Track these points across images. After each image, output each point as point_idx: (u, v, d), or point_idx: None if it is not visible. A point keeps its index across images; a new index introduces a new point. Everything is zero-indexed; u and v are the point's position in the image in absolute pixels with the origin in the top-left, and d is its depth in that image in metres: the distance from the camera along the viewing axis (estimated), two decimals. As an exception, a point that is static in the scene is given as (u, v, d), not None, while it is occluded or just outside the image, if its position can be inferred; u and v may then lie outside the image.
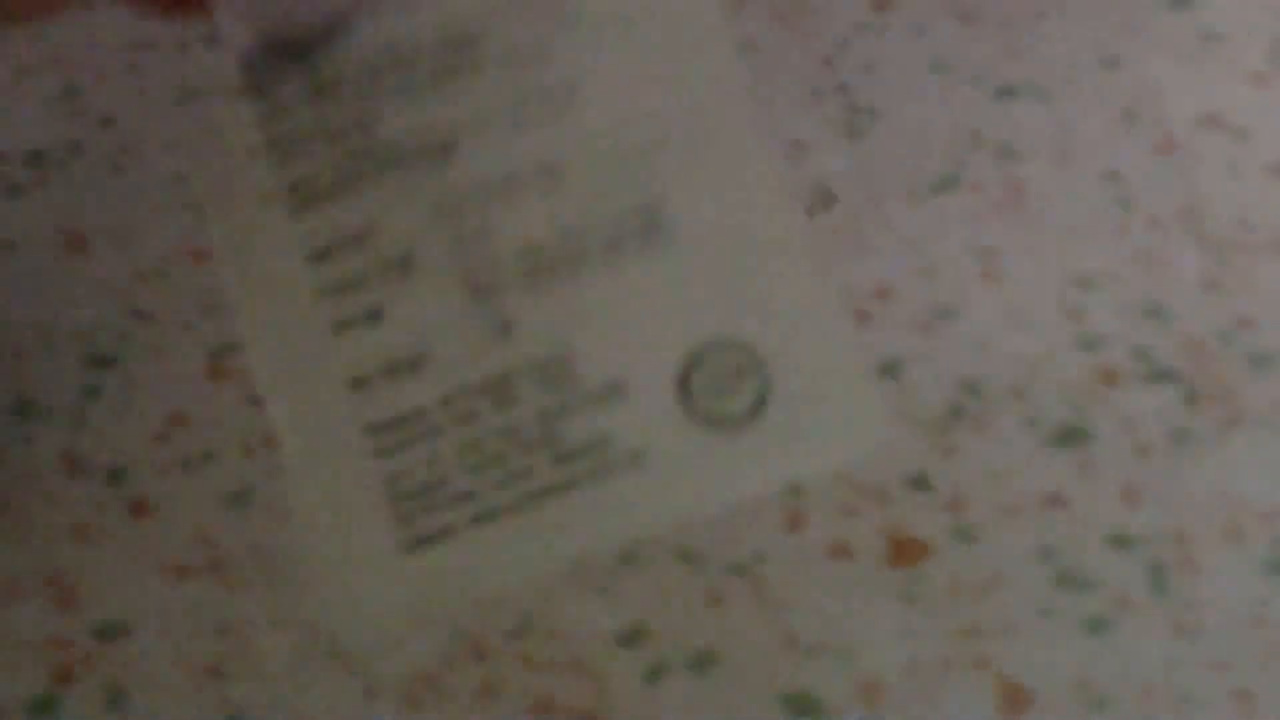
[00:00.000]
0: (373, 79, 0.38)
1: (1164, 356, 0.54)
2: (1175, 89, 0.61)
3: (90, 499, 0.58)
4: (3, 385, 0.61)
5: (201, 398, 0.61)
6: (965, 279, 0.57)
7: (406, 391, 0.37)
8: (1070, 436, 0.53)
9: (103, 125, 0.68)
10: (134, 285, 0.64)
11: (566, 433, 0.37)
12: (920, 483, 0.53)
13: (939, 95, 0.62)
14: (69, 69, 0.69)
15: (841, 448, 0.37)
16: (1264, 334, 0.54)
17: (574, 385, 0.37)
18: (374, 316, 0.37)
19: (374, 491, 0.37)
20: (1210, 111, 0.60)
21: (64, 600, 0.56)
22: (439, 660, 0.53)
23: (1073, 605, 0.51)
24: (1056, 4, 0.61)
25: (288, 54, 0.38)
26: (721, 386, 0.37)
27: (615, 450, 0.37)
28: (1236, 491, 0.51)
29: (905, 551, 0.52)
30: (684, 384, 0.37)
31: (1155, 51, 0.60)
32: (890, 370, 0.56)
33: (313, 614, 0.53)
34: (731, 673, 0.51)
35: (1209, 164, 0.58)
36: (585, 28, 0.38)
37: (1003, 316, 0.56)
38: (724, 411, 0.37)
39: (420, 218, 0.38)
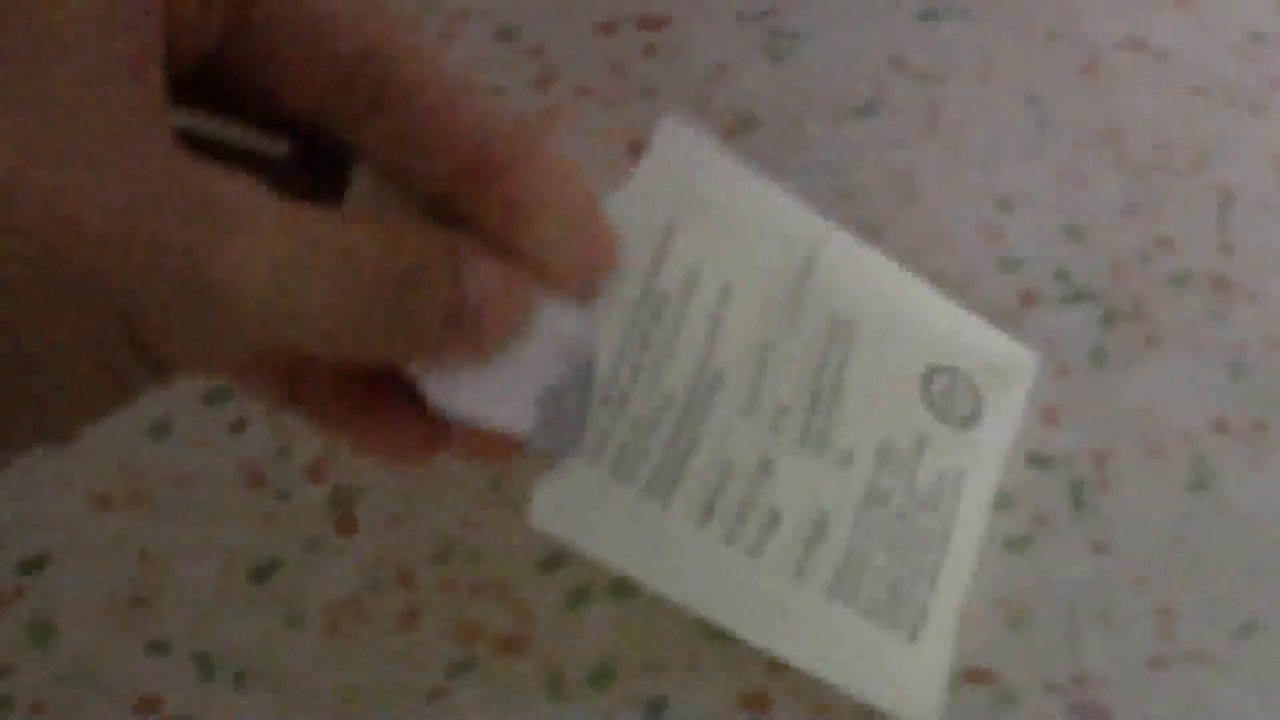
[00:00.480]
0: (630, 365, 0.44)
1: (1083, 278, 0.53)
2: (1097, 11, 0.59)
3: (9, 430, 0.57)
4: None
5: (124, 328, 0.59)
6: (885, 202, 0.55)
7: (829, 549, 0.46)
8: (990, 357, 0.51)
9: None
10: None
11: (923, 487, 0.47)
12: (841, 404, 0.52)
13: (861, 19, 0.60)
14: None
15: (1024, 381, 0.50)
16: (1183, 255, 0.53)
17: (902, 456, 0.47)
18: (773, 523, 0.46)
19: (864, 626, 0.46)
20: (1132, 33, 0.59)
21: (-18, 531, 0.54)
22: (361, 586, 0.52)
23: (995, 524, 0.49)
24: (977, -74, 0.60)
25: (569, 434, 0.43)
26: (952, 399, 0.48)
27: (951, 477, 0.48)
28: (1156, 410, 0.50)
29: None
30: (935, 412, 0.48)
31: (1075, -27, 0.59)
32: (811, 292, 0.54)
33: (234, 540, 0.51)
34: (651, 599, 0.50)
35: (1130, 86, 0.57)
36: (699, 246, 0.46)
37: (923, 239, 0.54)
38: (966, 411, 0.48)
39: (741, 430, 0.45)
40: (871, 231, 0.56)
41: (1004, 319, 0.53)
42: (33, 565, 0.54)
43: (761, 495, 0.45)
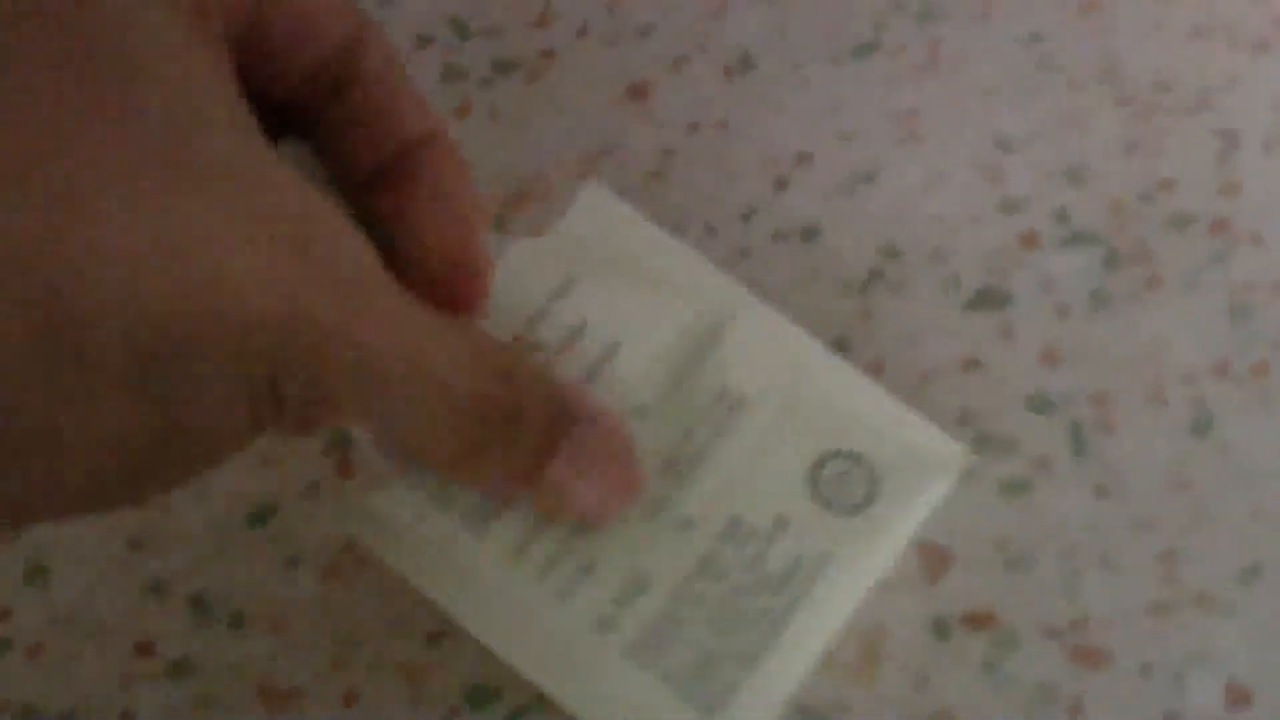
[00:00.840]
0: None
1: (1084, 219, 0.52)
2: (1096, -50, 0.58)
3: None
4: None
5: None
6: (884, 143, 0.54)
7: (642, 608, 0.44)
8: (989, 299, 0.50)
9: None
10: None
11: (770, 569, 0.44)
12: (840, 345, 0.51)
13: (859, -42, 0.59)
14: None
15: (945, 474, 0.47)
16: (1184, 195, 0.52)
17: (754, 533, 0.45)
18: (587, 572, 0.44)
19: (659, 691, 0.43)
20: (1130, -27, 0.57)
21: (-22, 475, 0.53)
22: (360, 530, 0.51)
23: (993, 467, 0.48)
24: None
25: None
26: (844, 483, 0.46)
27: (807, 564, 0.45)
28: (1157, 353, 0.49)
29: (826, 416, 0.50)
30: (817, 489, 0.46)
31: (1076, -89, 0.57)
32: (809, 235, 0.53)
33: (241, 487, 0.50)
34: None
35: (1131, 25, 0.55)
36: (596, 302, 0.46)
37: (922, 180, 0.53)
38: (854, 500, 0.46)
39: None
40: (870, 173, 0.54)
41: (1004, 261, 0.51)
42: (29, 508, 0.53)
43: (580, 544, 0.44)
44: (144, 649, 0.50)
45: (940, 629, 0.46)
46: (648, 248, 0.47)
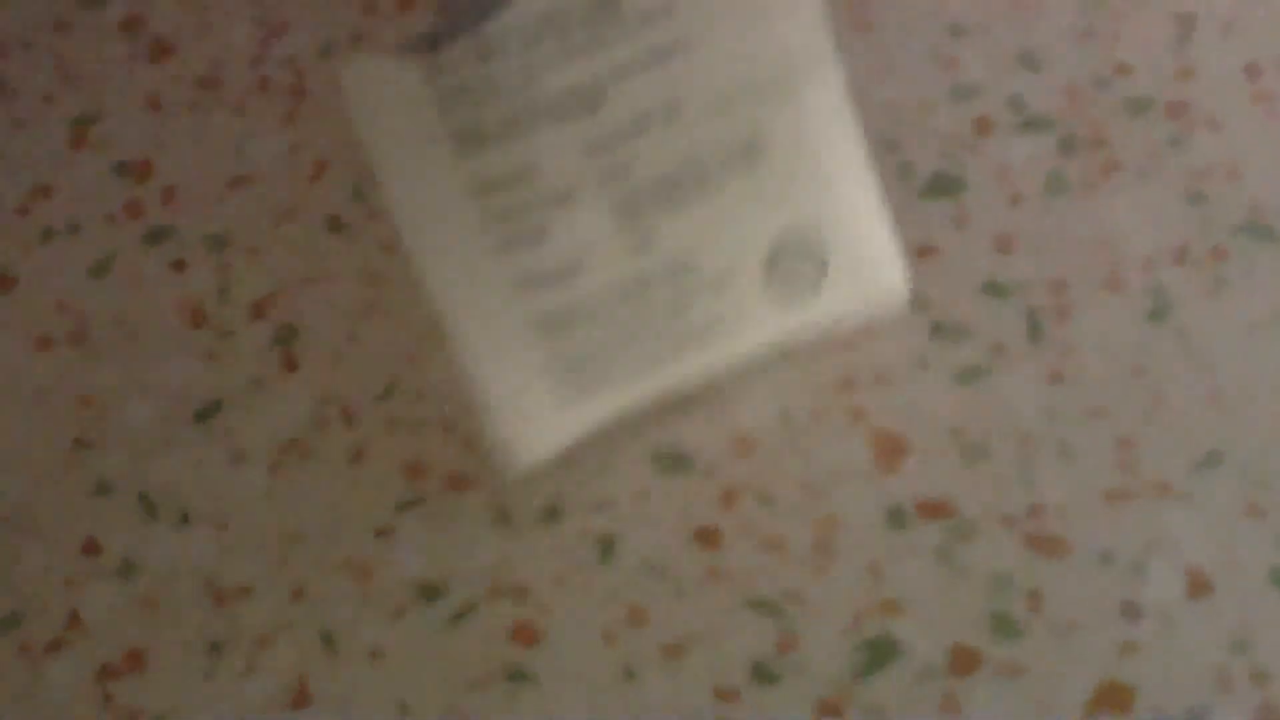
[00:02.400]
0: (532, 43, 0.40)
1: (1039, 105, 0.48)
2: None
3: (-56, 270, 0.51)
4: None
5: (64, 169, 0.53)
6: (837, 30, 0.50)
7: (567, 291, 0.41)
8: (943, 186, 0.47)
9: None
10: (-8, 55, 0.57)
11: (691, 316, 0.42)
12: (792, 234, 0.47)
13: None
14: None
15: (876, 301, 0.44)
16: (1140, 80, 0.48)
17: (696, 281, 0.42)
18: (537, 237, 0.41)
19: (539, 365, 0.42)
20: None
21: (-84, 373, 0.49)
22: (307, 425, 0.47)
23: (948, 354, 0.45)
24: None
25: (461, 22, 0.40)
26: (795, 269, 0.43)
27: (724, 327, 0.43)
28: (1114, 239, 0.45)
29: (778, 305, 0.46)
30: (769, 273, 0.43)
31: None
32: (761, 121, 0.49)
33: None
34: (601, 431, 0.45)
35: (1083, -88, 0.51)
36: None
37: (875, 68, 0.49)
38: (797, 291, 0.43)
39: (576, 157, 0.41)
40: None
41: (957, 148, 0.48)
42: (-29, 407, 0.49)
43: (544, 213, 0.42)
44: (90, 549, 0.47)
45: (895, 518, 0.43)
46: None
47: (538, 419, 0.42)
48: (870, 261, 0.43)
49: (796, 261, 0.42)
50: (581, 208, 0.41)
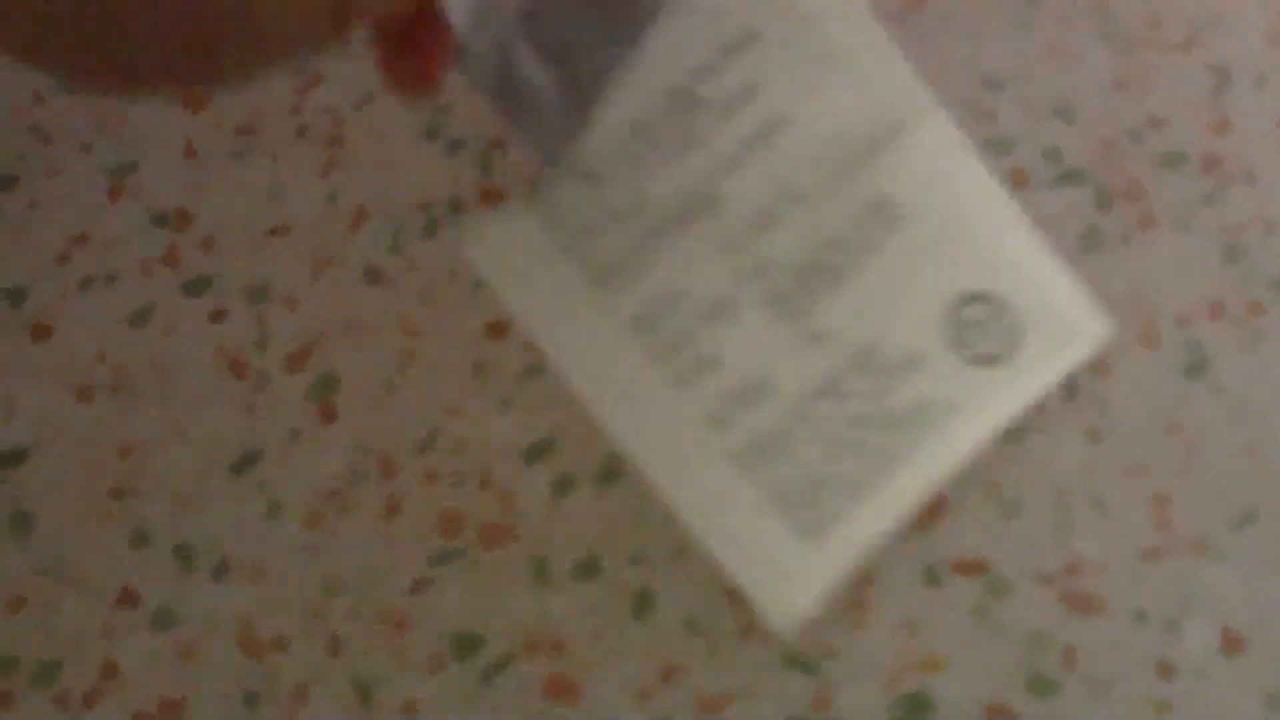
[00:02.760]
0: (629, 157, 0.40)
1: (1074, 157, 0.48)
2: (1083, -113, 0.54)
3: (-16, 321, 0.52)
4: (-104, 206, 0.54)
5: (102, 217, 0.53)
6: (873, 81, 0.50)
7: (758, 415, 0.39)
8: (980, 240, 0.46)
9: None
10: (33, 105, 0.57)
11: (894, 405, 0.39)
12: (828, 290, 0.47)
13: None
14: None
15: (1086, 341, 0.41)
16: (1175, 133, 0.47)
17: (887, 364, 0.40)
18: (711, 361, 0.39)
19: (761, 502, 0.39)
20: (1118, -91, 0.53)
21: (-43, 425, 0.50)
22: (345, 477, 0.47)
23: (983, 411, 0.45)
24: None
25: (552, 150, 0.40)
26: (981, 331, 0.40)
27: (938, 405, 0.40)
28: (1150, 293, 0.45)
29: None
30: (954, 334, 0.40)
31: None
32: (797, 175, 0.49)
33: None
34: (639, 485, 0.45)
35: (1118, -38, 0.51)
36: (775, 66, 0.40)
37: (911, 119, 0.49)
38: (991, 352, 0.40)
39: (714, 262, 0.40)
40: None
41: (994, 201, 0.47)
42: (12, 458, 0.49)
43: (707, 334, 0.40)
44: (127, 598, 0.47)
45: (931, 576, 0.43)
46: (843, 20, 0.41)
47: (787, 566, 0.40)
48: (1060, 304, 0.41)
49: (980, 320, 0.41)
50: (740, 315, 0.40)
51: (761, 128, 0.40)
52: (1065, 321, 0.41)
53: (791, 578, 0.40)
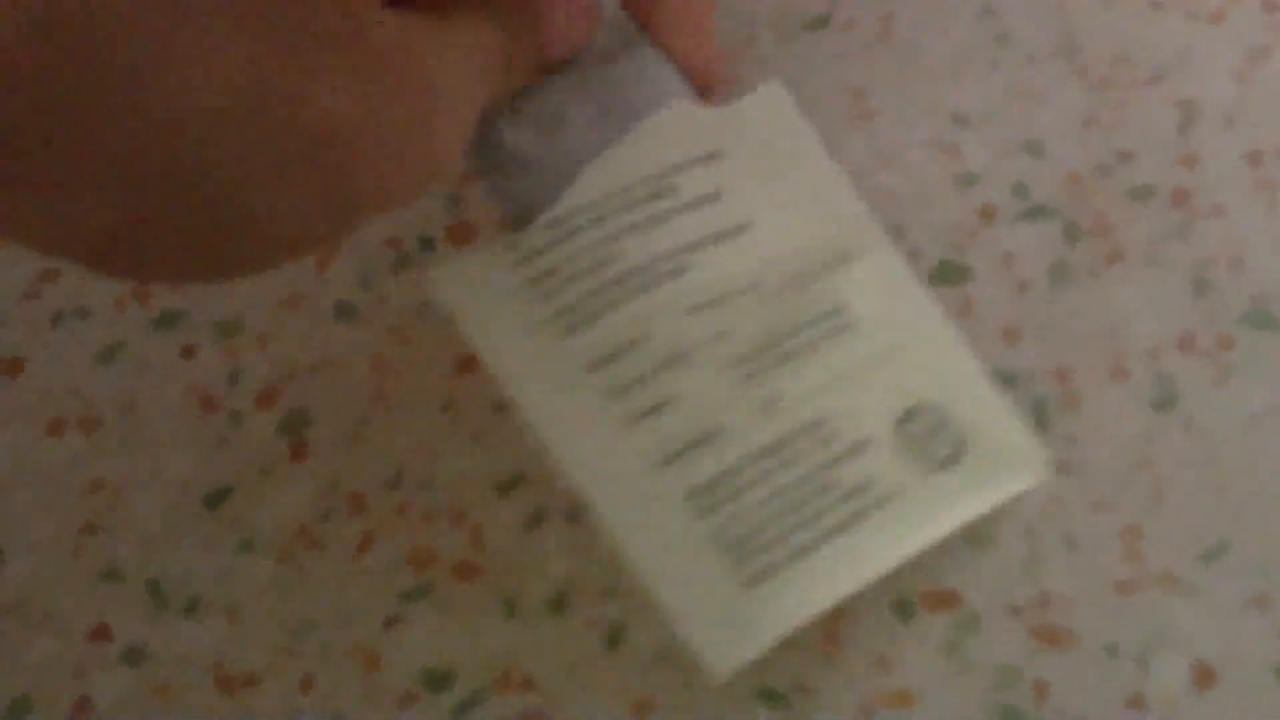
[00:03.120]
0: (605, 218, 0.41)
1: (1042, 192, 0.48)
2: (1050, -76, 0.54)
3: (-46, 357, 0.52)
4: None
5: (73, 252, 0.53)
6: (838, 118, 0.50)
7: (709, 460, 0.40)
8: (949, 274, 0.47)
9: None
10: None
11: (842, 479, 0.40)
12: (799, 325, 0.47)
13: (815, -67, 0.55)
14: None
15: (1028, 474, 0.42)
16: (1143, 168, 0.48)
17: (835, 442, 0.41)
18: (663, 406, 0.40)
19: (707, 547, 0.40)
20: (1085, -54, 0.53)
21: (-74, 462, 0.49)
22: (316, 514, 0.47)
23: (953, 445, 0.45)
24: None
25: (526, 210, 0.41)
26: (930, 440, 0.41)
27: (880, 490, 0.41)
28: (1118, 328, 0.46)
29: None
30: (902, 440, 0.41)
31: (1032, -117, 0.53)
32: (767, 210, 0.49)
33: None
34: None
35: (1085, -2, 0.52)
36: (740, 179, 0.42)
37: (878, 156, 0.49)
38: (938, 458, 0.41)
39: (678, 317, 0.40)
40: (824, 150, 0.50)
41: (962, 236, 0.48)
42: (-20, 494, 0.49)
43: (663, 378, 0.41)
44: (99, 635, 0.47)
45: (902, 609, 0.43)
46: (804, 159, 0.43)
47: (727, 610, 0.40)
48: (1004, 431, 0.42)
49: (929, 433, 0.41)
50: (698, 367, 0.40)
51: (727, 225, 0.42)
52: (1006, 450, 0.42)
53: (728, 624, 0.40)
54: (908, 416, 0.42)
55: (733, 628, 0.40)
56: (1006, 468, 0.42)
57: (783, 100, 0.44)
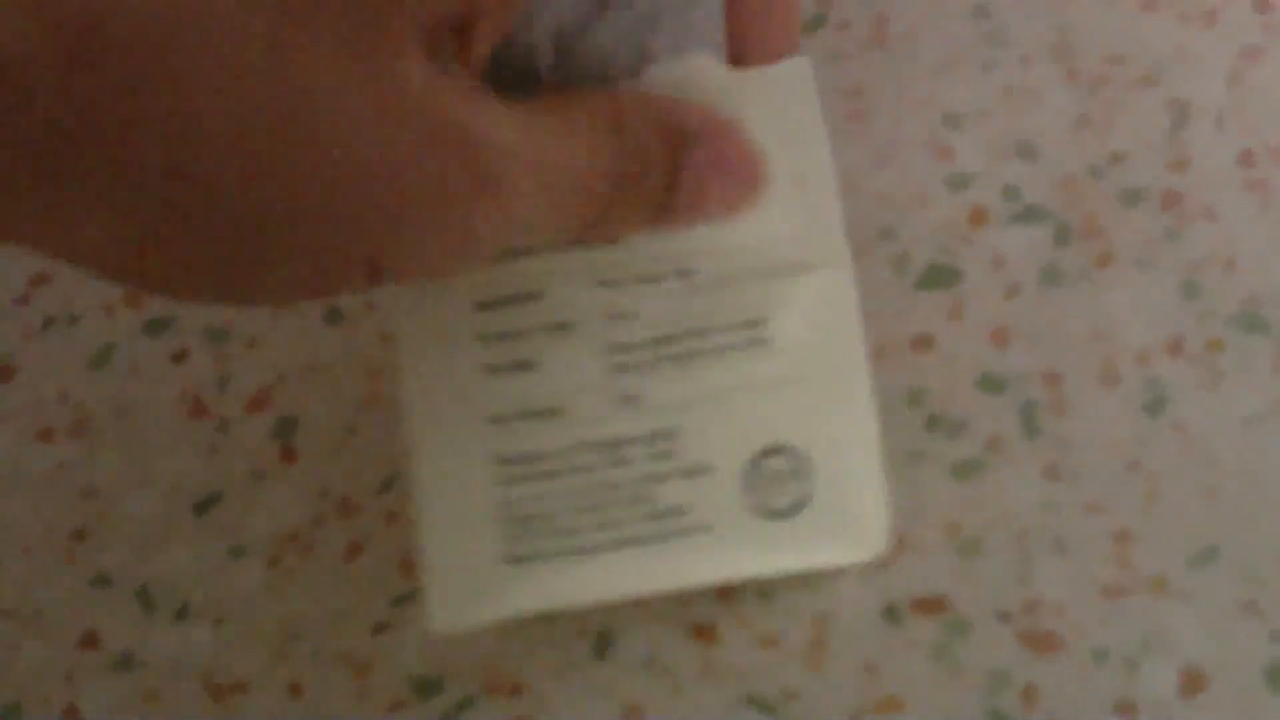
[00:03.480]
0: None
1: (1034, 194, 0.48)
2: (1044, -76, 0.54)
3: (-56, 363, 0.52)
4: None
5: (65, 256, 0.54)
6: (832, 120, 0.50)
7: (537, 435, 0.39)
8: (939, 277, 0.47)
9: None
10: (-5, 143, 0.57)
11: (660, 496, 0.39)
12: (788, 329, 0.47)
13: (807, -66, 0.55)
14: None
15: (856, 549, 0.42)
16: (1135, 170, 0.48)
17: (674, 458, 0.40)
18: (525, 367, 0.39)
19: (491, 511, 0.40)
20: (1079, -54, 0.53)
21: (-85, 468, 0.50)
22: (305, 518, 0.47)
23: (944, 448, 0.45)
24: None
25: None
26: (777, 484, 0.41)
27: (692, 519, 0.41)
28: (1109, 331, 0.46)
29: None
30: (749, 476, 0.41)
31: (1024, -115, 0.53)
32: (757, 214, 0.49)
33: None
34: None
35: (1079, -1, 0.52)
36: None
37: (870, 157, 0.49)
38: (774, 506, 0.41)
39: (582, 286, 0.39)
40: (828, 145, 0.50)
41: (953, 238, 0.48)
42: (-29, 500, 0.49)
43: (539, 340, 0.40)
44: (88, 642, 0.47)
45: (891, 614, 0.43)
46: (805, 148, 0.41)
47: (478, 576, 0.41)
48: (856, 500, 0.42)
49: (779, 472, 0.41)
50: (577, 343, 0.40)
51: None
52: (854, 519, 0.42)
53: (473, 585, 0.41)
54: (765, 454, 0.41)
55: (472, 591, 0.41)
56: (839, 537, 0.42)
57: (806, 81, 0.41)
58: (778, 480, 0.41)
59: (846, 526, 0.42)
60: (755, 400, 0.41)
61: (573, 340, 0.40)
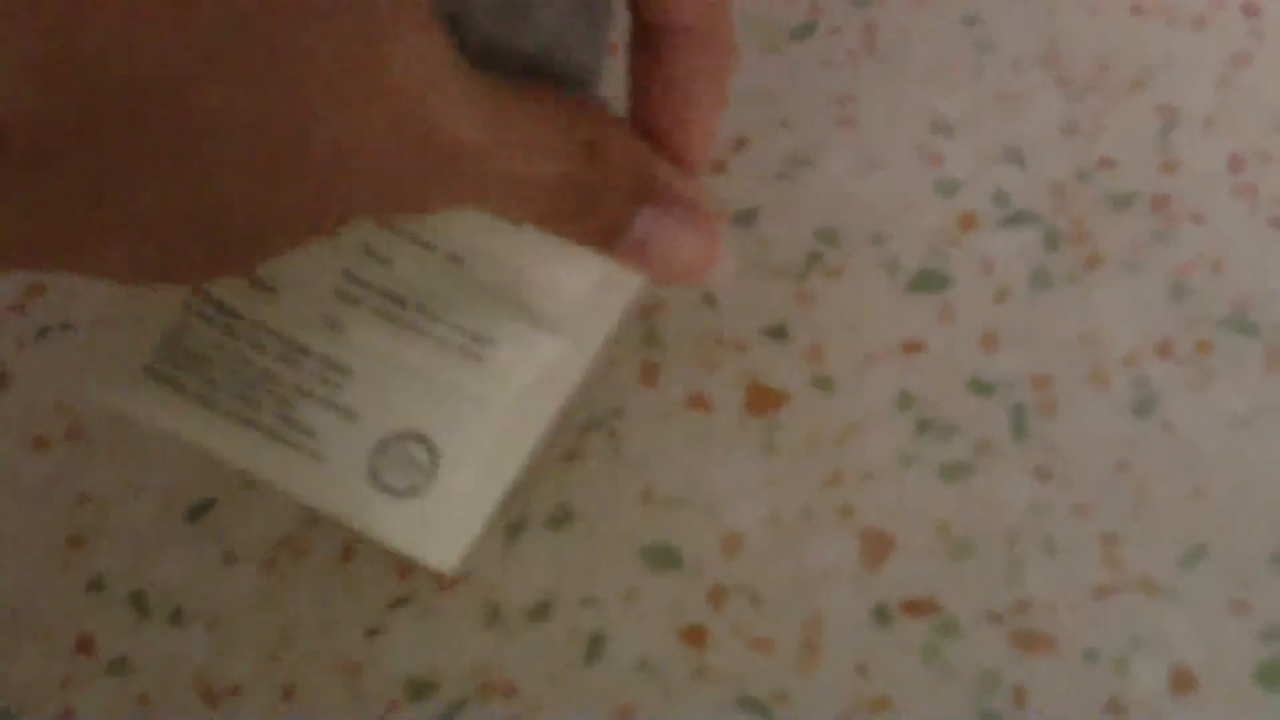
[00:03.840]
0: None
1: (1023, 199, 0.48)
2: (1034, -68, 0.54)
3: (-60, 370, 0.52)
4: None
5: (60, 265, 0.54)
6: (821, 126, 0.50)
7: (245, 298, 0.41)
8: (929, 281, 0.47)
9: None
10: (-9, 153, 0.57)
11: (302, 410, 0.41)
12: (778, 332, 0.48)
13: (798, -58, 0.55)
14: None
15: (430, 551, 0.42)
16: (1124, 174, 0.48)
17: (334, 392, 0.41)
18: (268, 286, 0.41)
19: (169, 325, 0.42)
20: (1069, -46, 0.54)
21: (-89, 474, 0.50)
22: (298, 523, 0.47)
23: (934, 451, 0.45)
24: None
25: None
26: (402, 465, 0.42)
27: (314, 445, 0.41)
28: (1098, 333, 0.46)
29: (763, 401, 0.46)
30: (384, 444, 0.42)
31: (1013, -109, 0.54)
32: (747, 220, 0.50)
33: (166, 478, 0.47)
34: (590, 528, 0.45)
35: (1070, 5, 0.52)
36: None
37: (860, 163, 0.50)
38: (387, 480, 0.42)
39: (363, 219, 0.38)
40: (807, 158, 0.51)
41: (943, 243, 0.48)
42: (-34, 507, 0.49)
43: (258, 303, 0.41)
44: (83, 647, 0.47)
45: (881, 616, 0.43)
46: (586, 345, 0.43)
47: (124, 368, 0.42)
48: (454, 519, 0.42)
49: (407, 462, 0.41)
50: (325, 254, 0.41)
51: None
52: (443, 530, 0.42)
53: (120, 380, 0.42)
54: (409, 437, 0.42)
55: (115, 381, 0.42)
56: (421, 533, 0.42)
57: (625, 296, 0.42)
58: (405, 463, 0.42)
59: (433, 530, 0.42)
60: (434, 395, 0.41)
61: (324, 250, 0.41)
